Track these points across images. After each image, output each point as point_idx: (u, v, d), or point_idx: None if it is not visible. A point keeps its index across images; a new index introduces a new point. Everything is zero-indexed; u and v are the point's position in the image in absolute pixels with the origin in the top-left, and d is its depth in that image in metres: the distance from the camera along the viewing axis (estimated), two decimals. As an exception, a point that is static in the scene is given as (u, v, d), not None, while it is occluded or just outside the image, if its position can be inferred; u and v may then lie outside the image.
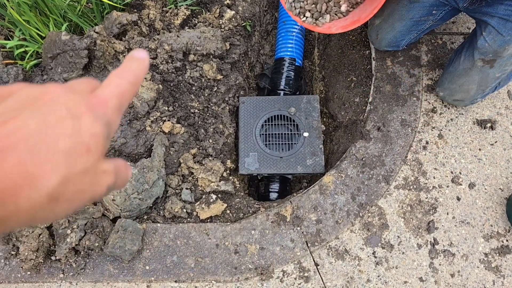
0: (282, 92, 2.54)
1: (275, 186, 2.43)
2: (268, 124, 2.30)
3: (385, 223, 1.95)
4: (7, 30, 2.08)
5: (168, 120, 2.01)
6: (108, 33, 2.01)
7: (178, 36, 2.17)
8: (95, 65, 1.91)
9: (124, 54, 2.02)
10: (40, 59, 2.04)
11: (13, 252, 1.83)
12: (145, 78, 1.99)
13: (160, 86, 1.99)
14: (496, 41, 1.76)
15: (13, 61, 2.02)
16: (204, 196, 1.99)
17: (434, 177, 2.04)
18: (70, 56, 1.82)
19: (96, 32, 1.87)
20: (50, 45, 1.84)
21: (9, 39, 2.07)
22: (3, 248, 1.84)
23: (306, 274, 1.86)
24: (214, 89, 2.24)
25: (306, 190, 2.03)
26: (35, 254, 1.74)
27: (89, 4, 2.18)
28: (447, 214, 1.97)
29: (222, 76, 2.25)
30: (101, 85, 0.44)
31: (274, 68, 2.63)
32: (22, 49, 2.02)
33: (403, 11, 1.96)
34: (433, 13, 1.94)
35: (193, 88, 2.18)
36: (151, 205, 1.94)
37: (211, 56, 2.23)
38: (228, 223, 1.95)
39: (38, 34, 2.04)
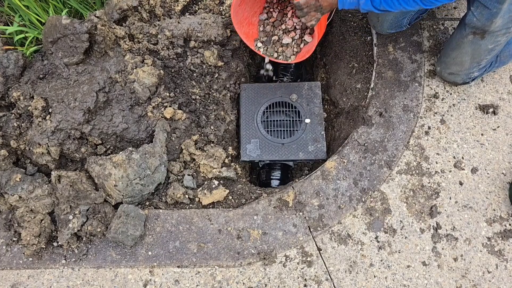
0: (283, 80, 2.53)
1: (276, 174, 2.42)
2: (270, 111, 2.30)
3: (388, 208, 1.95)
4: (7, 16, 2.06)
5: (170, 106, 2.00)
6: (109, 19, 2.00)
7: (178, 23, 2.16)
8: (96, 50, 1.89)
9: (124, 40, 2.01)
10: (40, 45, 2.03)
11: (14, 239, 1.83)
12: (146, 63, 1.97)
13: (161, 71, 1.98)
14: (484, 15, 1.78)
15: (12, 47, 2.00)
16: (206, 182, 1.99)
17: (436, 162, 2.04)
18: (70, 40, 1.80)
19: (97, 17, 1.86)
20: (51, 30, 1.83)
21: (8, 26, 2.05)
22: (5, 234, 1.84)
23: (309, 259, 1.86)
24: (215, 76, 2.23)
25: (308, 176, 2.02)
26: (37, 239, 1.73)
27: (89, -10, 2.17)
28: (450, 198, 1.97)
29: (223, 63, 2.24)
30: None
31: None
32: (22, 35, 2.01)
33: None
34: None
35: (194, 74, 2.18)
36: (153, 191, 1.93)
37: (212, 43, 2.22)
38: (231, 209, 1.95)
39: (38, 20, 2.02)
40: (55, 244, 1.84)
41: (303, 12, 1.83)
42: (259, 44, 2.30)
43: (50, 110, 1.82)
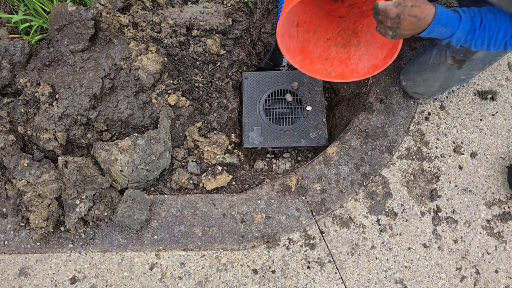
0: (284, 68, 2.55)
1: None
2: (272, 99, 2.32)
3: (389, 192, 1.98)
4: (11, 5, 2.08)
5: (174, 93, 2.02)
6: (113, 7, 2.02)
7: (181, 11, 2.18)
8: (100, 38, 1.92)
9: (128, 28, 2.04)
10: (44, 34, 2.05)
11: (22, 224, 1.86)
12: (150, 51, 2.00)
13: (165, 59, 2.01)
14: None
15: (18, 35, 2.03)
16: (210, 168, 2.02)
17: (436, 147, 2.07)
18: (76, 27, 1.83)
19: (102, 4, 1.88)
20: (57, 17, 1.85)
21: (13, 14, 2.07)
22: (13, 220, 1.87)
23: (312, 242, 1.89)
24: (218, 64, 2.25)
25: (310, 161, 2.05)
26: (45, 223, 1.76)
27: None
28: (450, 182, 2.00)
29: (225, 51, 2.27)
30: None
31: (276, 45, 2.64)
32: (27, 24, 2.03)
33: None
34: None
35: (197, 62, 2.20)
36: (158, 177, 1.96)
37: (214, 32, 2.24)
38: (234, 194, 1.98)
39: (42, 9, 2.04)
40: (62, 228, 1.87)
41: (377, 18, 1.51)
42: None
43: (56, 96, 1.85)
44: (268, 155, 2.47)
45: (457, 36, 1.48)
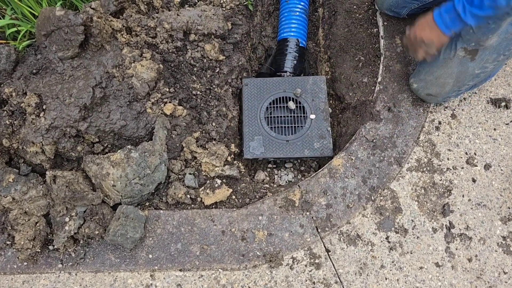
0: (286, 74, 2.44)
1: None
2: (273, 107, 2.21)
3: (398, 207, 1.87)
4: (-2, 8, 1.97)
5: (170, 102, 1.91)
6: (105, 11, 1.91)
7: (178, 15, 2.07)
8: (91, 44, 1.80)
9: (122, 33, 1.92)
10: (33, 40, 1.94)
11: (8, 242, 1.74)
12: (145, 57, 1.89)
13: (161, 66, 1.90)
14: (481, 27, 1.64)
15: (4, 41, 1.92)
16: (208, 181, 1.91)
17: (448, 159, 1.96)
18: (65, 33, 1.71)
19: (92, 8, 1.77)
20: (44, 22, 1.74)
21: (0, 19, 1.96)
22: (-2, 238, 1.76)
23: (317, 261, 1.78)
24: (217, 70, 2.14)
25: (314, 174, 1.94)
26: (31, 243, 1.65)
27: (84, -18, 2.07)
28: (463, 196, 1.89)
29: (224, 57, 2.16)
30: None
31: (277, 49, 2.53)
32: (14, 29, 1.92)
33: None
34: None
35: (195, 69, 2.09)
36: (153, 191, 1.85)
37: (213, 36, 2.13)
38: (234, 209, 1.87)
39: (30, 13, 1.93)
40: (50, 247, 1.76)
41: (410, 51, 1.87)
42: None
43: (44, 107, 1.73)
44: (270, 165, 2.37)
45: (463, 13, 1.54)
